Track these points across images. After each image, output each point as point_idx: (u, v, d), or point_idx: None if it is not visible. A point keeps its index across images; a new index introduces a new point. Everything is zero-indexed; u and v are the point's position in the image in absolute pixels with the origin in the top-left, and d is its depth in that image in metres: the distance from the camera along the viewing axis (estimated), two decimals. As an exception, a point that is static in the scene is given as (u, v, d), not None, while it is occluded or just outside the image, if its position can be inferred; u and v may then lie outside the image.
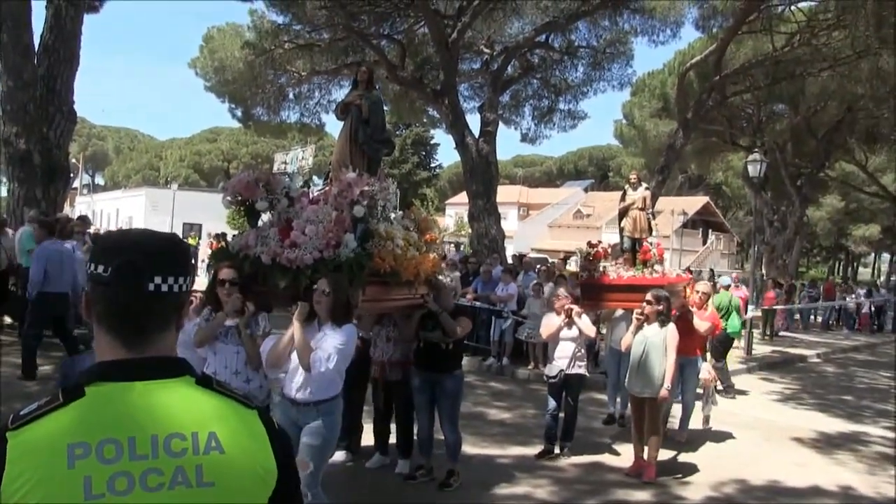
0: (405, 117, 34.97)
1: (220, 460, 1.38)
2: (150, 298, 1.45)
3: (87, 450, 1.29)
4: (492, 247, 19.03)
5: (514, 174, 73.13)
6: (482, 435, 8.84)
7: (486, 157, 19.95)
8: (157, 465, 1.32)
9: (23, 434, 1.30)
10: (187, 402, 1.42)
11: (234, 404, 1.48)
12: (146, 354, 1.45)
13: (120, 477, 1.29)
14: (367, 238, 6.06)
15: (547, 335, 8.38)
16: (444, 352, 6.86)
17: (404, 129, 68.74)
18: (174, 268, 1.49)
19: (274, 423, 1.53)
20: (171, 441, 1.35)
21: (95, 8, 18.20)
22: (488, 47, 22.65)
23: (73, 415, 1.33)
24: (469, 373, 12.89)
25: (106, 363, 1.44)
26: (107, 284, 1.44)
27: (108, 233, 1.64)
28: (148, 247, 1.49)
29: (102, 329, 1.46)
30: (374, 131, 7.02)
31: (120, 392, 1.38)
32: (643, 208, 10.14)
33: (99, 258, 1.46)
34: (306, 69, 23.58)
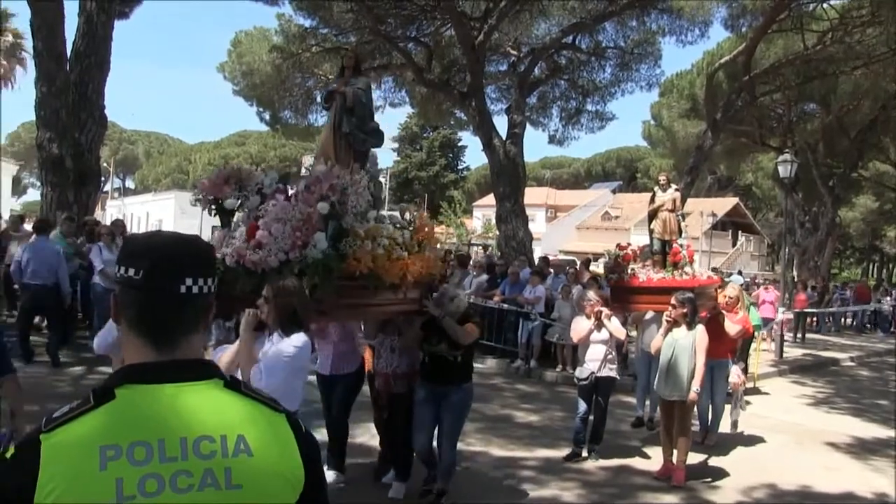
0: (432, 119, 35.06)
1: (249, 463, 1.39)
2: (181, 300, 1.46)
3: (118, 451, 1.30)
4: (519, 249, 18.97)
5: (542, 176, 72.91)
6: (509, 437, 8.80)
7: (514, 158, 19.90)
8: (186, 467, 1.34)
9: (56, 436, 1.31)
10: (216, 404, 1.43)
11: (261, 407, 1.49)
12: (175, 357, 1.46)
13: (150, 478, 1.31)
14: (341, 237, 5.46)
15: (577, 338, 8.35)
16: (451, 363, 6.32)
17: (431, 132, 68.88)
18: (203, 269, 1.51)
19: (301, 427, 1.53)
20: (200, 443, 1.36)
21: (125, 14, 18.45)
22: (515, 49, 22.59)
23: (103, 417, 1.34)
24: (496, 375, 12.90)
25: (135, 365, 1.45)
26: (138, 288, 1.45)
27: (135, 236, 1.64)
28: (177, 249, 1.50)
29: (132, 332, 1.47)
30: (360, 121, 6.46)
31: (149, 394, 1.40)
32: (673, 210, 10.05)
33: (128, 261, 1.46)
34: (334, 72, 23.60)
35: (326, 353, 6.72)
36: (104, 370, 10.12)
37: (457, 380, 6.41)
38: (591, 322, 8.13)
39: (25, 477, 1.27)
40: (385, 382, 6.69)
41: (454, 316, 6.24)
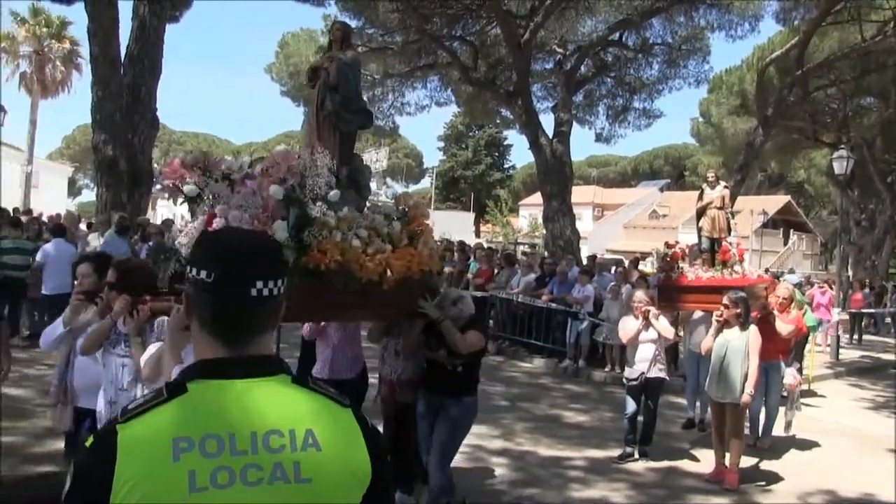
0: (478, 118, 35.05)
1: (317, 457, 1.41)
2: (252, 303, 1.48)
3: (190, 444, 1.34)
4: (567, 248, 18.87)
5: (588, 174, 72.42)
6: (558, 437, 8.72)
7: (560, 157, 19.81)
8: (256, 461, 1.37)
9: (131, 427, 1.35)
10: (284, 399, 1.46)
11: (328, 402, 1.51)
12: (245, 353, 1.49)
13: (222, 471, 1.34)
14: (304, 227, 4.81)
15: (625, 338, 8.22)
16: (451, 373, 5.72)
17: (477, 131, 68.81)
18: (274, 271, 1.53)
19: (367, 422, 1.55)
20: (269, 438, 1.39)
21: (176, 18, 18.75)
22: (561, 47, 22.49)
23: (176, 410, 1.38)
24: (544, 374, 12.82)
25: (207, 361, 1.48)
26: (210, 290, 1.47)
27: (207, 236, 1.66)
28: (250, 252, 1.52)
29: (204, 330, 1.50)
30: (345, 100, 5.82)
31: (220, 389, 1.43)
32: (721, 207, 9.87)
33: (201, 263, 1.49)
34: (379, 72, 23.81)
35: (325, 357, 6.27)
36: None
37: (455, 392, 5.76)
38: (640, 322, 8.01)
39: (104, 465, 1.31)
40: (389, 390, 6.19)
41: (457, 320, 5.64)
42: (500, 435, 8.56)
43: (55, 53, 39.94)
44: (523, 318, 14.18)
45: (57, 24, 39.64)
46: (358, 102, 5.95)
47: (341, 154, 5.65)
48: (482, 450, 7.92)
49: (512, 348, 14.40)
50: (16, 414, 7.68)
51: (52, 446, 6.66)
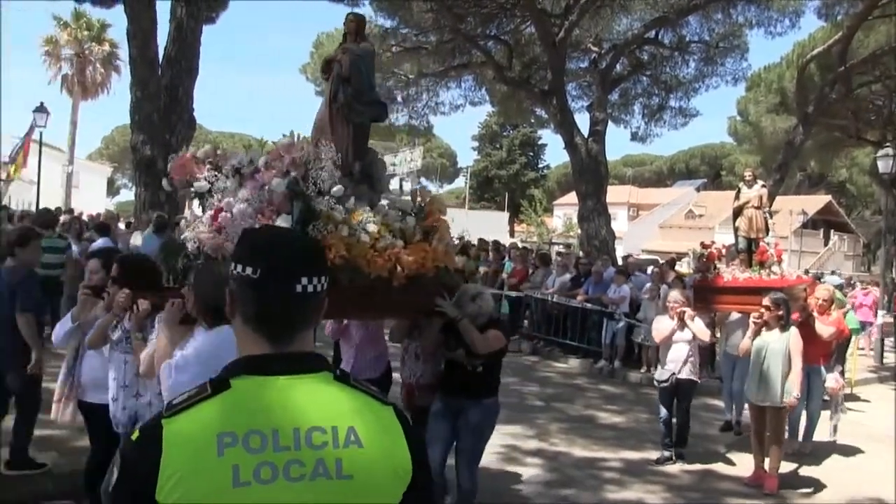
0: (512, 118, 34.98)
1: (359, 454, 1.42)
2: (296, 299, 1.50)
3: (234, 439, 1.36)
4: (602, 248, 18.74)
5: (624, 174, 71.97)
6: (593, 438, 8.65)
7: (596, 156, 19.69)
8: (298, 457, 1.38)
9: (176, 422, 1.38)
10: (327, 396, 1.47)
11: (370, 400, 1.52)
12: (288, 350, 1.51)
13: (265, 466, 1.36)
14: (309, 221, 4.64)
15: (659, 338, 8.10)
16: (469, 374, 5.46)
17: (512, 130, 68.66)
18: (317, 268, 1.55)
19: (408, 420, 1.56)
20: (312, 434, 1.40)
21: (212, 19, 18.92)
22: (596, 45, 22.35)
23: (220, 406, 1.41)
24: (580, 375, 12.74)
25: (250, 357, 1.50)
26: (254, 287, 1.49)
27: (251, 233, 1.67)
28: (295, 249, 1.55)
29: (249, 326, 1.52)
30: (357, 92, 5.66)
31: (263, 385, 1.44)
32: (759, 206, 9.73)
33: (246, 260, 1.51)
34: (414, 72, 23.83)
35: (348, 356, 6.09)
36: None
37: (474, 394, 5.53)
38: (674, 323, 7.89)
39: (150, 458, 1.34)
40: (408, 394, 5.95)
41: (477, 318, 5.38)
42: (534, 435, 8.52)
43: (95, 56, 40.59)
44: (558, 318, 14.13)
45: (97, 27, 40.29)
46: (370, 94, 5.85)
47: (355, 147, 5.58)
48: (517, 450, 7.90)
49: (547, 348, 14.33)
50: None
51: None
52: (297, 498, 1.36)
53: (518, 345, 14.77)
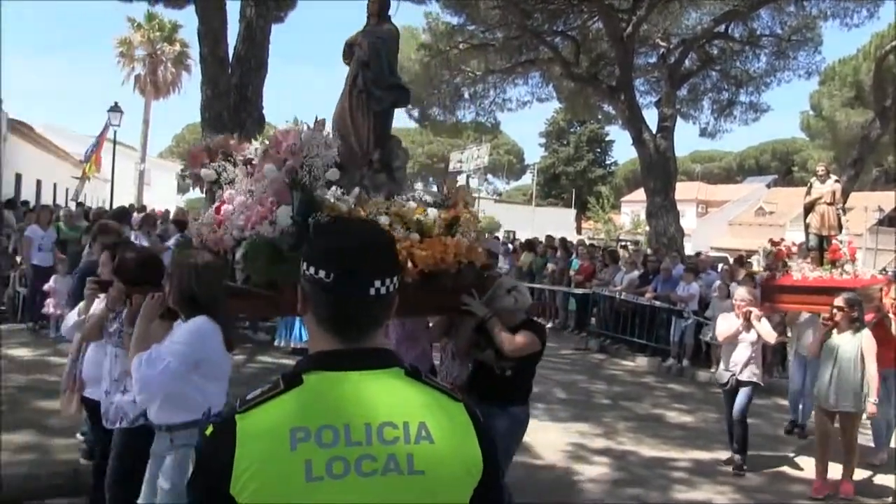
0: (580, 114, 34.74)
1: (430, 450, 1.42)
2: (370, 301, 1.50)
3: (307, 434, 1.36)
4: (670, 245, 18.54)
5: (692, 170, 70.75)
6: (661, 437, 8.59)
7: (664, 153, 19.49)
8: (370, 452, 1.38)
9: (250, 417, 1.39)
10: (398, 392, 1.47)
11: (441, 396, 1.52)
12: (360, 346, 1.51)
13: (337, 461, 1.36)
14: (311, 212, 4.36)
15: (723, 338, 7.80)
16: (498, 377, 5.02)
17: (579, 127, 68.11)
18: (390, 269, 1.55)
19: (479, 417, 1.55)
20: (383, 429, 1.40)
21: (280, 18, 19.23)
22: (665, 40, 22.08)
23: (293, 401, 1.41)
24: (647, 373, 12.64)
25: (322, 353, 1.51)
26: (329, 291, 1.49)
27: (323, 232, 1.66)
28: (368, 252, 1.53)
29: (321, 326, 1.53)
30: (376, 76, 5.39)
31: (335, 381, 1.45)
32: (832, 203, 9.41)
33: (319, 262, 1.50)
34: (481, 69, 23.86)
35: None
36: (263, 359, 10.65)
37: (502, 400, 5.01)
38: (740, 322, 7.60)
39: (224, 453, 1.35)
40: None
41: (514, 312, 4.98)
42: (602, 434, 8.50)
43: (167, 56, 41.59)
44: (626, 315, 14.02)
45: (169, 28, 41.29)
46: (390, 78, 5.54)
47: (375, 135, 5.36)
48: (584, 448, 7.90)
49: (614, 346, 14.25)
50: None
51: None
52: (368, 493, 1.37)
53: (585, 342, 14.75)
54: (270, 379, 1.48)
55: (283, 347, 10.84)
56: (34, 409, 6.84)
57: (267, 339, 11.56)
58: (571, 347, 14.61)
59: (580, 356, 13.89)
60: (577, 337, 15.34)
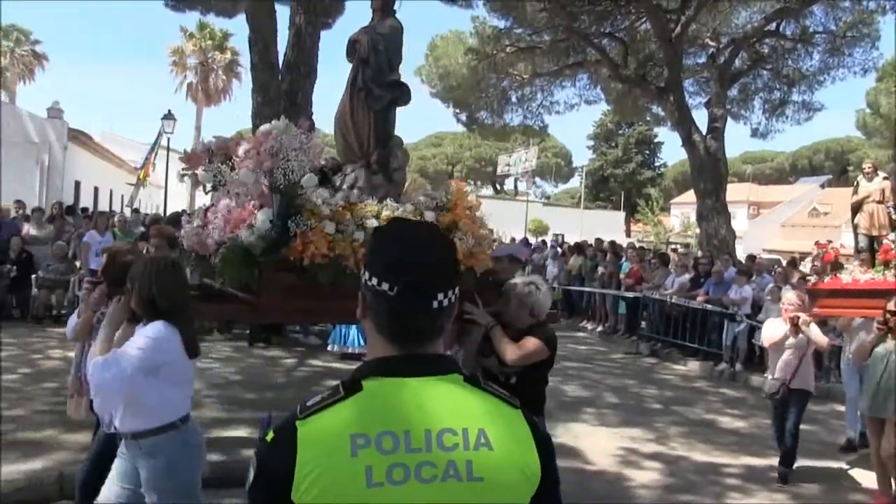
0: (628, 116, 34.50)
1: (490, 457, 1.42)
2: (433, 313, 1.50)
3: (367, 440, 1.37)
4: (722, 247, 18.30)
5: (743, 171, 69.64)
6: (714, 443, 8.46)
7: (715, 154, 19.25)
8: (430, 459, 1.39)
9: (310, 423, 1.40)
10: (457, 398, 1.47)
11: (500, 403, 1.52)
12: (419, 352, 1.51)
13: (397, 467, 1.37)
14: (291, 215, 4.30)
15: (769, 343, 7.45)
16: (503, 385, 4.38)
17: (627, 128, 67.58)
18: (452, 281, 1.55)
19: (537, 424, 1.55)
20: (443, 436, 1.41)
21: (328, 24, 19.45)
22: (714, 40, 21.82)
23: (353, 407, 1.42)
24: (699, 378, 12.47)
25: (381, 360, 1.51)
26: (391, 302, 1.48)
27: (385, 241, 1.61)
28: (432, 264, 1.52)
29: (382, 335, 1.52)
30: (376, 73, 5.25)
31: (394, 387, 1.45)
32: (881, 201, 9.01)
33: (382, 274, 1.49)
34: (528, 72, 23.84)
35: None
36: (314, 363, 10.75)
37: None
38: (787, 327, 7.22)
39: (286, 459, 1.37)
40: None
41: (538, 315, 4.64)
42: (653, 439, 8.39)
43: (218, 64, 42.53)
44: (677, 319, 13.86)
45: (220, 37, 42.19)
46: (390, 75, 5.38)
47: (376, 135, 5.26)
48: (634, 453, 7.81)
49: (665, 350, 14.10)
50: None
51: (219, 434, 7.07)
52: (428, 499, 1.37)
53: (636, 346, 14.62)
54: (322, 383, 1.50)
55: (335, 352, 10.90)
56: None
57: (318, 343, 11.66)
58: (622, 351, 14.50)
59: (630, 360, 13.77)
60: (628, 341, 15.21)
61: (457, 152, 71.97)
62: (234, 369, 10.12)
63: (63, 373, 9.23)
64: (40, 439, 6.68)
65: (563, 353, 13.79)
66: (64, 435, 6.77)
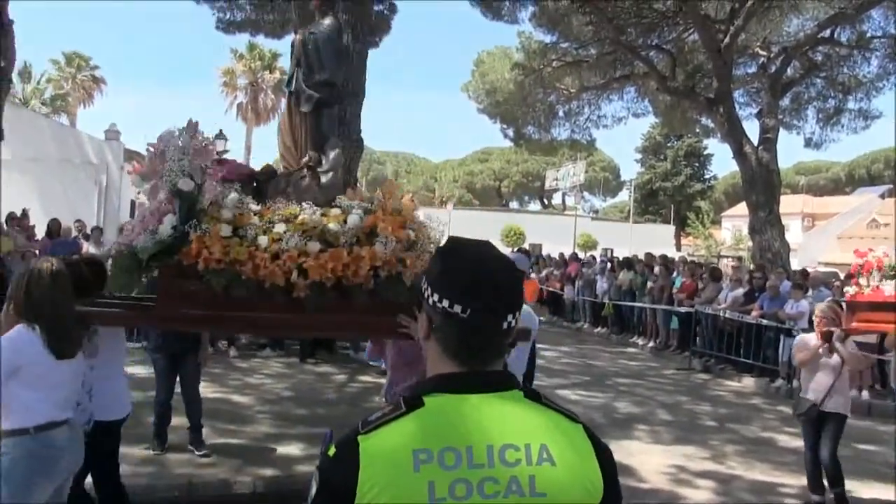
0: (677, 128, 34.13)
1: (552, 472, 1.42)
2: (502, 334, 1.53)
3: (429, 456, 1.39)
4: (775, 261, 17.90)
5: (796, 182, 68.43)
6: (772, 462, 8.23)
7: (767, 165, 18.88)
8: (493, 474, 1.39)
9: (372, 439, 1.41)
10: (519, 414, 1.49)
11: (561, 418, 1.53)
12: (480, 368, 1.53)
13: (460, 483, 1.38)
14: (189, 219, 4.19)
15: (800, 359, 6.94)
16: None
17: (676, 141, 66.84)
18: (520, 302, 1.57)
19: (599, 439, 1.55)
20: (505, 451, 1.41)
21: (375, 43, 19.60)
22: (765, 49, 21.44)
23: (415, 423, 1.43)
24: (754, 394, 12.20)
25: (443, 376, 1.52)
26: (462, 324, 1.49)
27: (457, 263, 1.56)
28: (504, 289, 1.54)
29: (446, 353, 1.53)
30: (306, 75, 5.10)
31: (456, 403, 1.47)
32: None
33: (454, 296, 1.50)
34: (575, 86, 23.73)
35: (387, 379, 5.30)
36: (364, 379, 10.76)
37: None
38: (819, 343, 6.67)
39: (348, 473, 1.38)
40: None
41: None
42: (708, 457, 8.21)
43: (267, 84, 43.27)
44: (731, 334, 13.60)
45: (269, 57, 42.95)
46: (319, 75, 5.16)
47: (311, 138, 5.13)
48: (686, 471, 7.64)
49: (719, 366, 13.83)
50: (240, 420, 8.28)
51: (274, 452, 7.10)
52: None
53: (688, 362, 14.37)
54: (372, 400, 1.49)
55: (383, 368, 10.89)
56: (151, 425, 7.11)
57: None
58: (674, 367, 14.29)
59: (683, 376, 13.53)
60: (680, 356, 14.97)
61: (504, 167, 72.00)
62: (286, 385, 10.20)
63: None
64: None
65: (614, 369, 13.77)
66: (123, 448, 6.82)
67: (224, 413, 8.28)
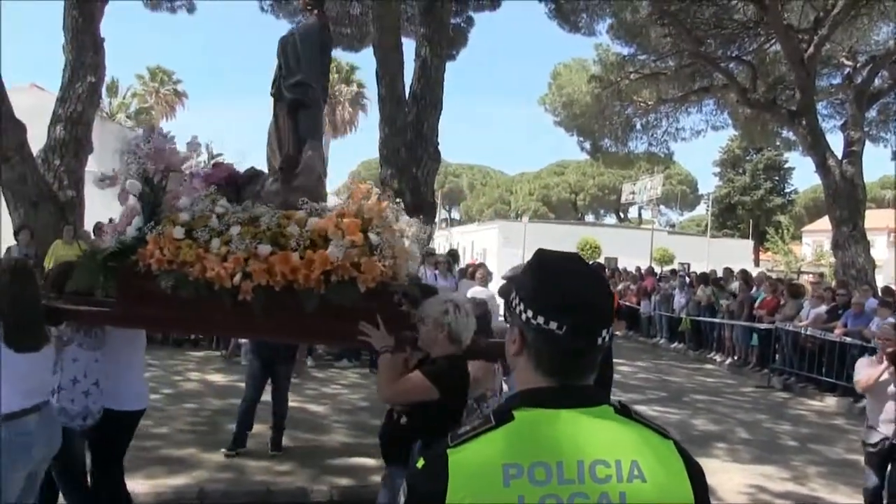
0: (756, 141, 33.45)
1: (643, 489, 1.41)
2: (595, 351, 1.53)
3: (519, 471, 1.38)
4: (860, 277, 17.35)
5: (881, 197, 66.11)
6: (857, 486, 7.90)
7: (851, 179, 18.33)
8: (583, 490, 1.38)
9: (461, 452, 1.42)
10: (609, 430, 1.47)
11: (651, 434, 1.51)
12: (569, 383, 1.53)
13: (549, 498, 1.36)
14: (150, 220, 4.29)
15: (864, 385, 6.28)
16: (394, 423, 4.03)
17: (755, 154, 65.41)
18: (612, 317, 1.57)
19: (689, 455, 1.53)
20: (595, 467, 1.40)
21: (453, 56, 19.78)
22: (850, 59, 20.87)
23: (504, 437, 1.43)
24: (838, 415, 11.85)
25: (533, 390, 1.52)
26: (558, 341, 1.50)
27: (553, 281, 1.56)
28: (598, 305, 1.54)
29: (539, 370, 1.54)
30: (285, 75, 5.07)
31: (546, 418, 1.46)
32: None
33: (550, 313, 1.50)
34: (653, 98, 23.50)
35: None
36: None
37: (388, 453, 4.13)
38: (884, 367, 6.05)
39: (437, 486, 1.39)
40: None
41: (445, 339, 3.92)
42: (790, 478, 8.01)
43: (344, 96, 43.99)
44: (813, 352, 13.23)
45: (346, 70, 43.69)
46: (295, 76, 5.07)
47: (292, 139, 5.10)
48: (769, 492, 7.48)
49: (800, 385, 13.48)
50: (316, 428, 8.43)
51: (349, 461, 7.21)
52: None
53: (768, 380, 14.06)
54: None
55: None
56: (230, 432, 7.32)
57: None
58: (752, 385, 13.97)
59: (762, 394, 13.22)
60: (759, 374, 14.64)
61: (580, 180, 71.49)
62: (361, 396, 10.33)
63: (201, 394, 9.73)
64: (183, 457, 7.08)
65: (690, 385, 13.55)
66: (203, 454, 7.11)
67: (301, 422, 8.46)
